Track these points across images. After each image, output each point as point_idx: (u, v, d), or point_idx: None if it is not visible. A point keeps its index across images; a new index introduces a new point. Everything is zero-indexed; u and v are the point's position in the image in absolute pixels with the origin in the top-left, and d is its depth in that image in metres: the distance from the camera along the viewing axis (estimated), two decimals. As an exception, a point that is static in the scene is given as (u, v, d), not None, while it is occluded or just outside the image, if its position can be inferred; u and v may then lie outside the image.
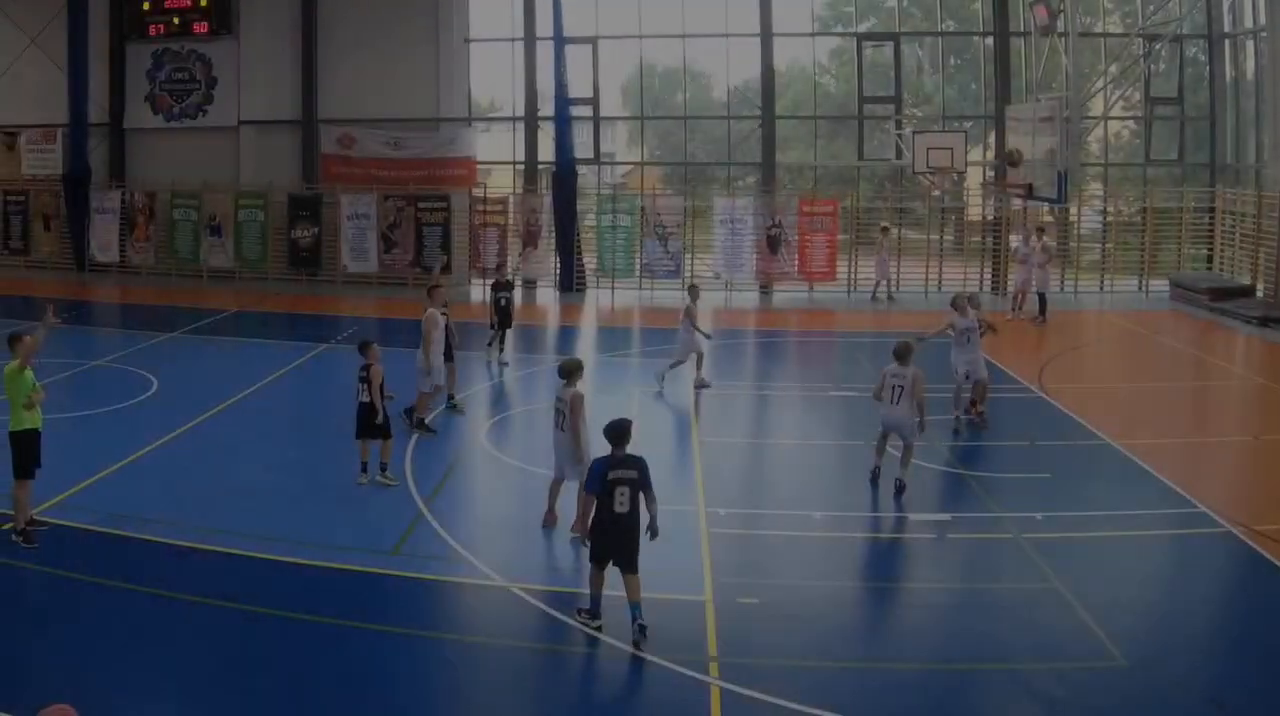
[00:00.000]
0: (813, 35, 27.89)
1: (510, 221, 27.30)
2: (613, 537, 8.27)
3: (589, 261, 27.19)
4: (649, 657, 8.06)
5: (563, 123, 26.48)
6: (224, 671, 8.00)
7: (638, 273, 26.56)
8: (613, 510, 8.21)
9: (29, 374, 10.08)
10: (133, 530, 10.72)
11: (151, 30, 29.33)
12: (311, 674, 7.95)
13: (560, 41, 26.24)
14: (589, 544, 8.49)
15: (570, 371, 10.31)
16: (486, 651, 8.56)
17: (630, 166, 30.46)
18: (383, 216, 27.40)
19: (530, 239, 26.97)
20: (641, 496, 8.29)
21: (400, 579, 9.70)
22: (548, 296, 27.09)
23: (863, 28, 28.48)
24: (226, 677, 7.91)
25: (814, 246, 26.16)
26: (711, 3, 26.85)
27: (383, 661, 8.12)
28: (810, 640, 8.57)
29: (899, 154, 26.53)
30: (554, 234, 26.80)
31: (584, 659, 8.35)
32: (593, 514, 8.40)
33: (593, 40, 27.22)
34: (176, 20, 29.04)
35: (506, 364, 18.30)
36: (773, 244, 26.11)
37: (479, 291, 26.95)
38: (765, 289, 26.80)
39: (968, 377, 14.30)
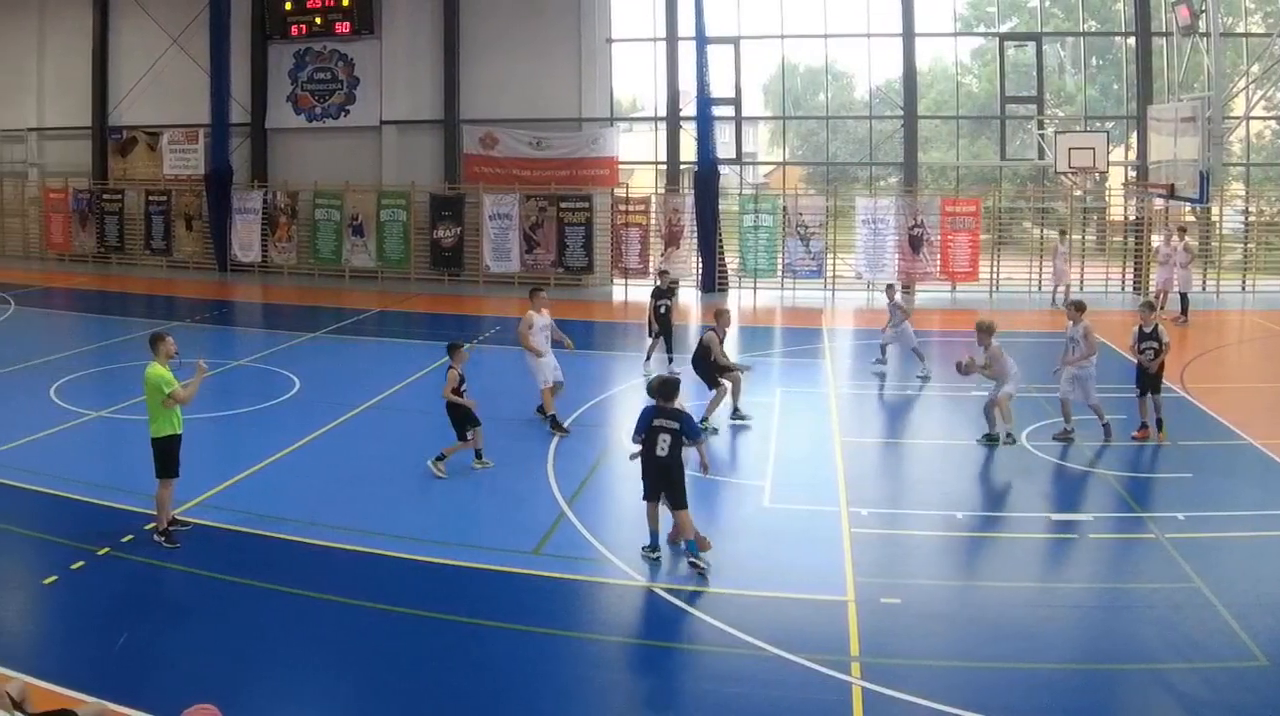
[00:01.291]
0: (955, 35, 31.06)
1: (652, 221, 30.53)
2: (654, 477, 10.67)
3: (731, 261, 30.34)
4: (790, 657, 8.86)
5: (705, 122, 29.56)
6: (364, 671, 8.83)
7: (779, 272, 29.73)
8: (655, 454, 10.61)
9: (168, 374, 11.03)
10: (274, 530, 11.84)
11: (294, 30, 33.01)
12: (452, 674, 8.75)
13: (702, 41, 29.39)
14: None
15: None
16: (627, 651, 9.41)
17: (772, 166, 33.74)
18: (524, 216, 30.80)
19: (672, 239, 30.25)
20: (683, 442, 10.62)
21: (541, 579, 10.63)
22: (690, 296, 29.96)
23: (1005, 27, 31.57)
24: (367, 677, 8.72)
25: (956, 246, 29.12)
26: (853, 3, 29.96)
27: (524, 661, 8.94)
28: (952, 640, 9.35)
29: (1041, 154, 29.57)
30: (696, 234, 29.93)
31: (726, 658, 9.02)
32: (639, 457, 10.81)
33: (735, 40, 30.50)
34: (318, 20, 32.71)
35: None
36: (915, 244, 29.07)
37: (620, 291, 30.58)
38: (907, 288, 29.30)
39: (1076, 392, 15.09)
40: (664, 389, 10.70)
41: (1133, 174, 30.12)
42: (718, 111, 30.21)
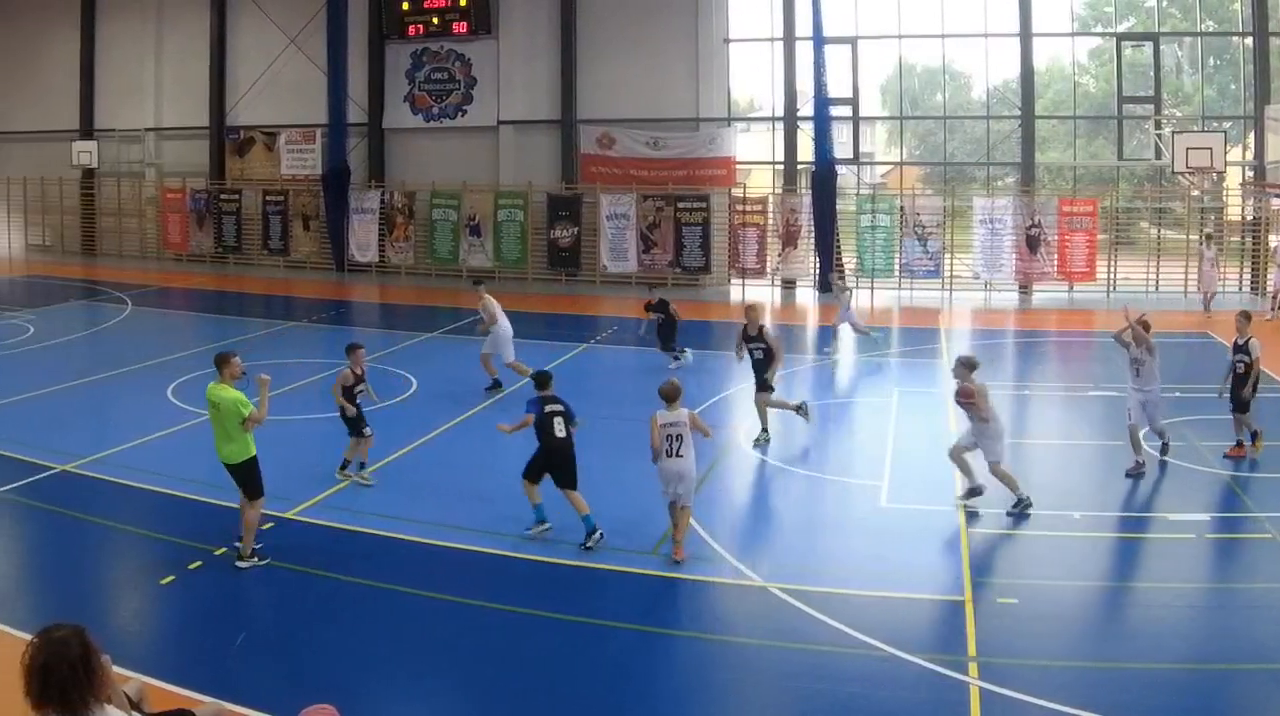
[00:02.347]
0: (1072, 35, 33.84)
1: (769, 221, 33.55)
2: (550, 458, 12.44)
3: (848, 261, 33.08)
4: (907, 657, 9.54)
5: (822, 122, 32.50)
6: (481, 671, 9.55)
7: (897, 272, 32.63)
8: (554, 434, 12.41)
9: (241, 396, 11.51)
10: (391, 529, 12.87)
11: (411, 30, 36.57)
12: (568, 674, 9.42)
13: (820, 42, 32.28)
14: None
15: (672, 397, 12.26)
16: (744, 651, 10.09)
17: (889, 166, 36.84)
18: (641, 216, 34.02)
19: (789, 239, 33.30)
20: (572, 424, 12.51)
21: (658, 579, 11.57)
22: (806, 296, 33.35)
23: (1122, 27, 34.24)
24: (484, 677, 9.44)
25: (1073, 246, 31.68)
26: (971, 3, 32.79)
27: (642, 661, 9.70)
28: (1069, 640, 10.00)
29: (1158, 154, 32.21)
30: (813, 234, 32.88)
31: (842, 658, 9.67)
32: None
33: (852, 40, 33.51)
34: (436, 20, 36.25)
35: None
36: (1032, 244, 31.71)
37: (737, 291, 33.43)
38: (1024, 289, 32.39)
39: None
40: (542, 380, 13.02)
41: (1250, 174, 32.60)
42: (835, 111, 33.12)
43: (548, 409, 12.54)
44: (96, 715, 5.08)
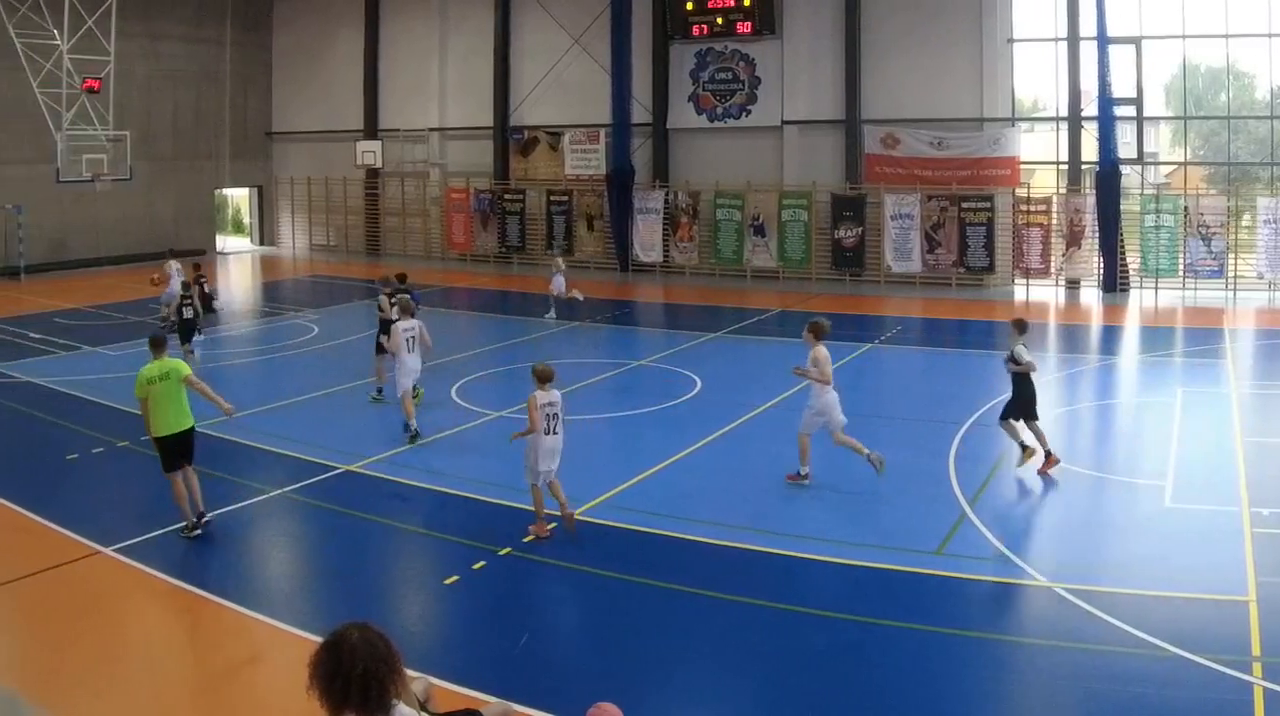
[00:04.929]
0: None
1: (1053, 221, 40.84)
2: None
3: (1132, 261, 40.11)
4: (1191, 657, 11.02)
5: (1106, 122, 39.30)
6: (764, 671, 11.27)
7: (1180, 273, 39.49)
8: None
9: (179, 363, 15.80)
10: (675, 529, 15.11)
11: (695, 30, 45.43)
12: (852, 674, 11.18)
13: (1104, 41, 39.07)
14: None
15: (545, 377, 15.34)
16: (1029, 651, 11.79)
17: (1173, 166, 43.75)
18: (925, 216, 41.93)
19: (1074, 239, 40.67)
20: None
21: (943, 579, 13.50)
22: (1091, 296, 40.08)
23: None
24: (767, 677, 11.12)
25: None
26: (1255, 2, 39.30)
27: (927, 661, 11.36)
28: None
29: None
30: (1097, 234, 40.03)
31: (1125, 658, 11.18)
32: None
33: (1136, 40, 40.61)
34: (720, 20, 44.92)
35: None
36: None
37: (1021, 291, 40.55)
38: None
39: None
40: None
41: None
42: (1119, 111, 40.07)
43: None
44: (393, 713, 6.17)
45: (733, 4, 45.29)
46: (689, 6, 46.13)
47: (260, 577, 14.82)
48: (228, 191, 60.97)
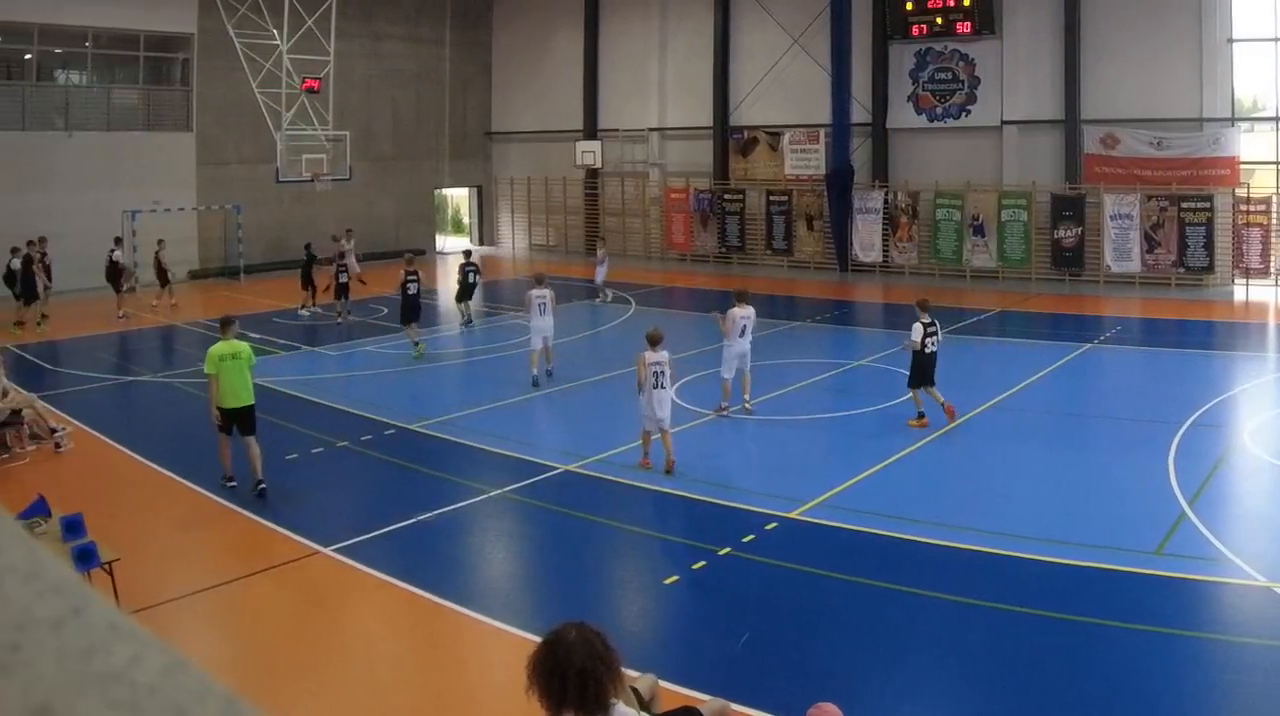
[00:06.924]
0: None
1: (1273, 221, 45.79)
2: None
3: None
4: None
5: None
6: (982, 671, 12.63)
7: None
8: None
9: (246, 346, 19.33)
10: (894, 529, 16.87)
11: (914, 30, 51.84)
12: (1070, 675, 12.38)
13: None
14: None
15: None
16: (1247, 651, 13.07)
17: None
18: (1145, 216, 47.46)
19: None
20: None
21: (1163, 579, 15.02)
22: None
23: None
24: (984, 678, 12.47)
25: None
26: None
27: (1144, 661, 12.68)
28: None
29: None
30: None
31: None
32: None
33: None
34: (939, 20, 51.22)
35: None
36: None
37: (1240, 292, 45.80)
38: None
39: None
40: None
41: None
42: None
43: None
44: (612, 713, 6.90)
45: (952, 4, 50.97)
46: (908, 6, 52.36)
47: (479, 577, 16.95)
48: (447, 191, 69.56)
